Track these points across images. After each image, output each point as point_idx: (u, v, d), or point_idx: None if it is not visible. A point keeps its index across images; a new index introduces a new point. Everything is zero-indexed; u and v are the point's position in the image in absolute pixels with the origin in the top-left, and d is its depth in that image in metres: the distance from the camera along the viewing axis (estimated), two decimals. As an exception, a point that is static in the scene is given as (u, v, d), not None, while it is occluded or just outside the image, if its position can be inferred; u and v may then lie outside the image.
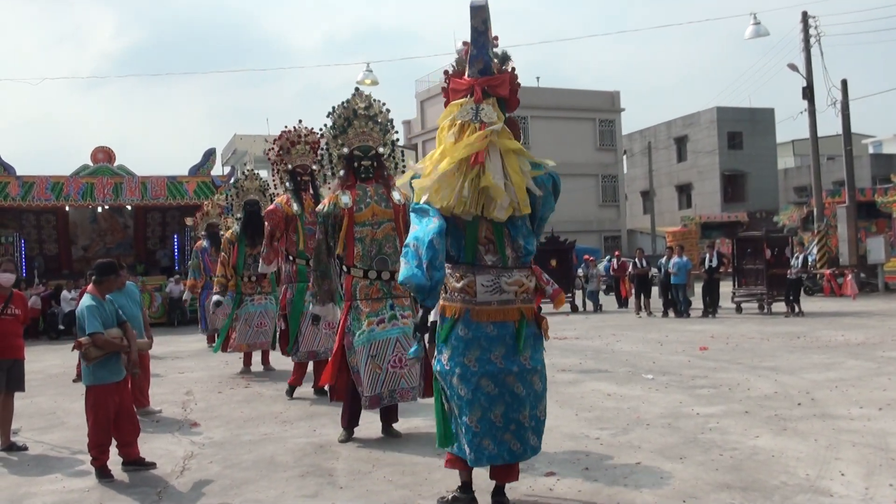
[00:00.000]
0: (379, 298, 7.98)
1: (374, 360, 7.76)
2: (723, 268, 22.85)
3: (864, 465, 6.47)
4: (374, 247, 8.02)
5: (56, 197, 25.64)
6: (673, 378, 11.14)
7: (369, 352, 7.78)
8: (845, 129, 31.19)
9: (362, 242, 8.01)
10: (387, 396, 7.81)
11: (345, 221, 8.01)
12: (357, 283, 8.00)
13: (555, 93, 54.55)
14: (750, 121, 58.73)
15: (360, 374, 7.82)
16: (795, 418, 8.27)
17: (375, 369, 7.76)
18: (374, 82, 29.95)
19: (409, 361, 7.70)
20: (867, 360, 12.08)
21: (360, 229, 8.02)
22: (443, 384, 5.62)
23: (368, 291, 7.98)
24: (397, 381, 7.79)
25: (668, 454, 7.04)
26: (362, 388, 7.80)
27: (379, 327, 7.87)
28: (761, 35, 30.19)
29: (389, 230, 8.11)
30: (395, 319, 7.94)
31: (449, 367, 5.54)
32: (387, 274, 8.00)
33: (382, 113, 8.54)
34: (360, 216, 8.02)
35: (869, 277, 28.91)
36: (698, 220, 47.11)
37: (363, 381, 7.78)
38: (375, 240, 8.03)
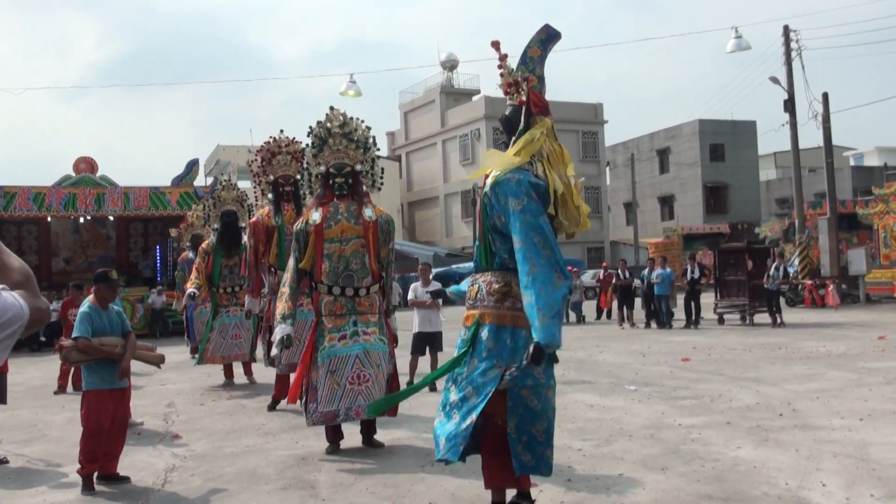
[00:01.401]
0: (342, 314, 7.97)
1: (333, 376, 7.74)
2: (704, 279, 22.92)
3: (845, 475, 6.49)
4: (342, 263, 8.02)
5: (38, 207, 25.49)
6: (655, 389, 11.16)
7: (329, 367, 7.77)
8: (826, 141, 31.38)
9: (330, 259, 8.01)
10: (343, 413, 7.78)
11: (312, 238, 8.02)
12: (323, 298, 8.01)
13: (538, 104, 54.61)
14: (732, 133, 59.07)
15: (315, 390, 7.79)
16: (777, 429, 8.30)
17: (333, 385, 7.74)
18: (357, 94, 30.04)
19: (373, 375, 7.81)
20: (849, 371, 12.13)
21: (328, 246, 8.03)
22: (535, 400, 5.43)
23: (333, 307, 7.98)
24: (354, 398, 7.76)
25: (651, 465, 7.05)
26: (317, 404, 7.75)
27: (340, 343, 7.86)
28: (742, 49, 30.45)
29: (358, 246, 8.10)
30: (356, 336, 7.92)
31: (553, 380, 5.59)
32: (351, 290, 8.00)
33: (361, 130, 8.52)
34: (329, 233, 8.02)
35: (850, 289, 29.05)
36: (681, 232, 47.32)
37: (320, 396, 7.75)
38: (343, 256, 8.03)
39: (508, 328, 5.41)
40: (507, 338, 5.40)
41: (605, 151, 58.20)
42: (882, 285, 28.78)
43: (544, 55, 5.86)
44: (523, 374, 5.34)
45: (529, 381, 5.37)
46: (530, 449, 5.42)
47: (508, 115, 5.85)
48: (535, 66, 5.81)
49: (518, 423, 5.37)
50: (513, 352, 5.36)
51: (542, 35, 5.83)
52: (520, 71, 5.80)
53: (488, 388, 5.26)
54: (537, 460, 5.45)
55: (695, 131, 58.44)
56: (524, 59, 5.81)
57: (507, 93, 5.86)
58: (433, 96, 58.95)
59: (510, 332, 5.41)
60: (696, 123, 58.30)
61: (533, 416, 5.40)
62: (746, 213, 52.83)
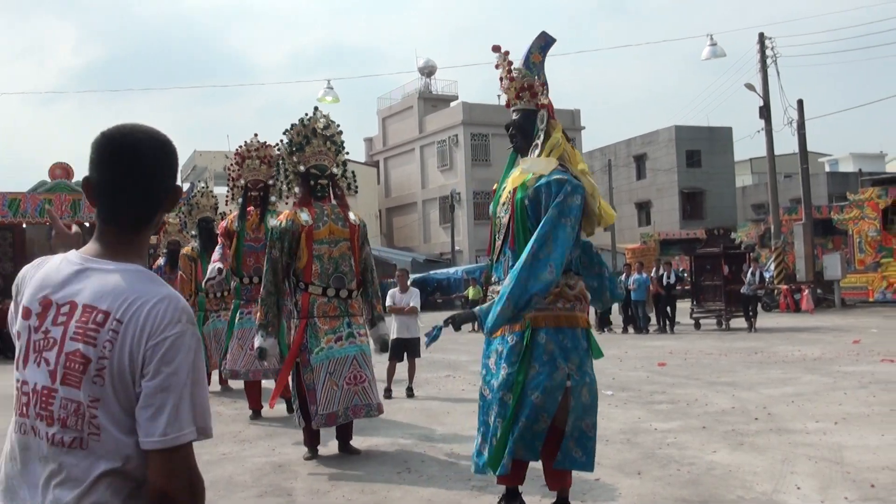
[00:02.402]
0: (336, 316, 7.94)
1: (332, 378, 7.72)
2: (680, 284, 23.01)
3: (819, 478, 6.52)
4: (332, 265, 7.98)
5: (13, 213, 25.23)
6: (632, 394, 11.18)
7: (328, 369, 7.73)
8: (802, 147, 31.60)
9: (320, 260, 7.97)
10: (342, 414, 7.77)
11: (303, 238, 7.96)
12: (315, 300, 7.95)
13: (516, 111, 54.75)
14: (708, 139, 59.37)
15: (315, 392, 7.75)
16: (752, 433, 8.33)
17: (332, 386, 7.71)
18: (335, 100, 29.99)
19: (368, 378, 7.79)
20: (823, 375, 12.19)
21: (318, 247, 7.98)
22: (588, 396, 5.52)
23: (326, 309, 7.93)
24: (352, 398, 7.75)
25: (627, 469, 7.06)
26: (316, 406, 7.72)
27: (337, 345, 7.83)
28: (718, 56, 30.61)
29: (345, 249, 8.07)
30: (352, 337, 7.91)
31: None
32: (344, 292, 7.98)
33: (337, 133, 8.52)
34: (318, 234, 7.98)
35: (825, 293, 29.26)
36: (658, 237, 47.47)
37: (318, 398, 7.71)
38: (332, 258, 7.99)
39: (566, 329, 5.45)
40: (565, 338, 5.42)
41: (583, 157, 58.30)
42: (857, 290, 29.04)
43: (544, 61, 5.91)
44: (582, 373, 5.43)
45: (587, 379, 5.47)
46: (581, 444, 5.44)
47: (519, 120, 5.80)
48: (538, 72, 5.85)
49: (574, 419, 5.39)
50: (570, 351, 5.41)
51: (542, 42, 5.87)
52: (528, 76, 5.80)
53: (557, 393, 5.28)
54: (587, 455, 5.48)
55: (671, 137, 58.70)
56: (528, 65, 5.83)
57: (518, 97, 5.80)
58: (411, 102, 58.96)
59: (567, 332, 5.45)
60: (673, 130, 58.56)
61: (584, 411, 5.45)
62: (723, 219, 53.06)
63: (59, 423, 1.98)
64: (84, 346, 1.98)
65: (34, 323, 2.04)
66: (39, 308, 2.04)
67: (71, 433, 1.97)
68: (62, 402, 1.97)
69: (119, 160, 2.12)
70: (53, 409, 1.98)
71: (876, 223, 28.90)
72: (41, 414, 1.99)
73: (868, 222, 29.14)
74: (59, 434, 1.98)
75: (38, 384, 2.00)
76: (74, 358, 1.97)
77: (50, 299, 2.04)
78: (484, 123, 53.04)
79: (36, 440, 2.01)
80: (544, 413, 5.28)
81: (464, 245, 51.89)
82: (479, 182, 52.24)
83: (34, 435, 2.01)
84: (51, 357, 2.00)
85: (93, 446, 1.98)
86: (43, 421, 1.99)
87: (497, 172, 31.77)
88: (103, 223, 2.15)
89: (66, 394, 1.98)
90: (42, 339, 2.02)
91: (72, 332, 1.99)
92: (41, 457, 2.00)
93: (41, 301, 2.05)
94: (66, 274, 2.08)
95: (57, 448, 1.98)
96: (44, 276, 2.10)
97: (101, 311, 2.00)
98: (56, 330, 2.01)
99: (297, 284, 8.05)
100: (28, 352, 2.03)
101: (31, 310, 2.05)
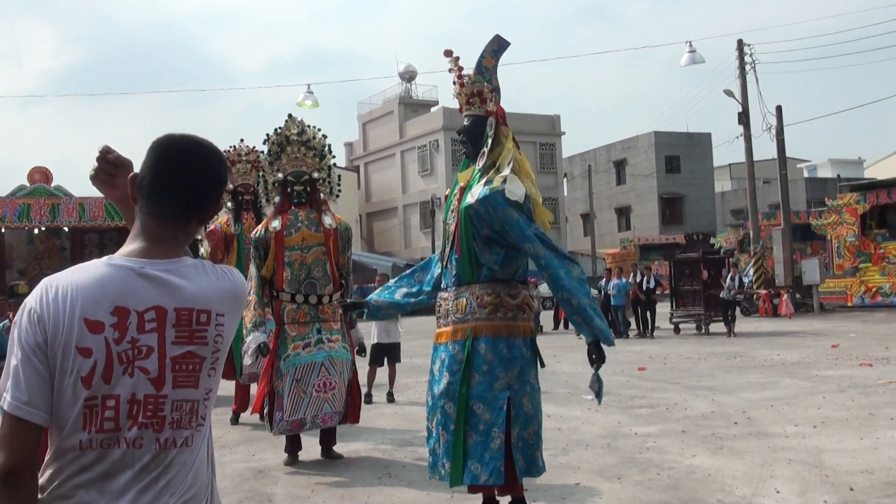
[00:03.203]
0: (306, 322, 7.91)
1: (299, 384, 7.69)
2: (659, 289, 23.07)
3: (798, 482, 6.54)
4: (303, 271, 7.96)
5: (-8, 218, 25.12)
6: (612, 398, 11.18)
7: (294, 376, 7.71)
8: (780, 153, 31.77)
9: (291, 267, 7.94)
10: (309, 421, 7.74)
11: (273, 245, 7.95)
12: (285, 306, 7.94)
13: (496, 116, 54.87)
14: (687, 145, 59.68)
15: (282, 399, 7.73)
16: (732, 437, 8.35)
17: (300, 393, 7.68)
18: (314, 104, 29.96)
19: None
20: (802, 380, 12.25)
21: (289, 253, 7.96)
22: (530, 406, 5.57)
23: (295, 315, 7.91)
24: (321, 406, 7.72)
25: (607, 474, 7.07)
26: (283, 413, 7.69)
27: (304, 351, 7.80)
28: (697, 62, 30.79)
29: (319, 254, 8.04)
30: (321, 343, 7.86)
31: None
32: (314, 298, 7.94)
33: (317, 138, 8.49)
34: (289, 240, 7.95)
35: (804, 298, 29.40)
36: (637, 242, 47.70)
37: (284, 404, 7.69)
38: (305, 264, 7.97)
39: (504, 339, 5.42)
40: (504, 348, 5.40)
41: (563, 163, 58.53)
42: (835, 294, 29.21)
43: (496, 65, 5.84)
44: (522, 382, 5.42)
45: (528, 388, 5.48)
46: (524, 453, 5.43)
47: (470, 126, 5.75)
48: (490, 76, 5.79)
49: (518, 429, 5.38)
50: (509, 361, 5.39)
51: (495, 45, 5.81)
52: (480, 81, 5.74)
53: (501, 402, 5.26)
54: (528, 463, 5.47)
55: (651, 143, 58.99)
56: (480, 70, 5.77)
57: (469, 103, 5.76)
58: (391, 107, 58.95)
59: (506, 342, 5.42)
60: (652, 135, 58.84)
61: (527, 421, 5.46)
62: (702, 224, 53.35)
63: (171, 426, 2.02)
64: (196, 348, 2.05)
65: (112, 335, 1.98)
66: (115, 319, 1.99)
67: (183, 433, 2.04)
68: (174, 405, 2.01)
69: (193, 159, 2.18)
70: (165, 414, 2.01)
71: (854, 228, 29.08)
72: (146, 423, 1.99)
73: (846, 227, 29.32)
74: (171, 437, 2.02)
75: (136, 394, 1.99)
76: (185, 360, 2.02)
77: (125, 308, 2.00)
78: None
79: (130, 451, 1.99)
80: (495, 428, 5.25)
81: (444, 250, 51.84)
82: (460, 187, 52.09)
83: (130, 447, 1.99)
84: (149, 365, 1.99)
85: (196, 440, 2.08)
86: (149, 429, 2.00)
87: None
88: (157, 219, 2.14)
89: (178, 396, 2.02)
90: (130, 349, 1.99)
91: (172, 337, 2.01)
92: (138, 466, 2.00)
93: (113, 311, 2.00)
94: (129, 279, 2.04)
95: (167, 451, 2.02)
96: (101, 285, 2.02)
97: (203, 311, 2.06)
98: (147, 338, 2.00)
99: (271, 292, 8.07)
100: (112, 365, 1.98)
101: (102, 322, 1.98)
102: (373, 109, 61.76)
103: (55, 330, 1.96)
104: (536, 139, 55.47)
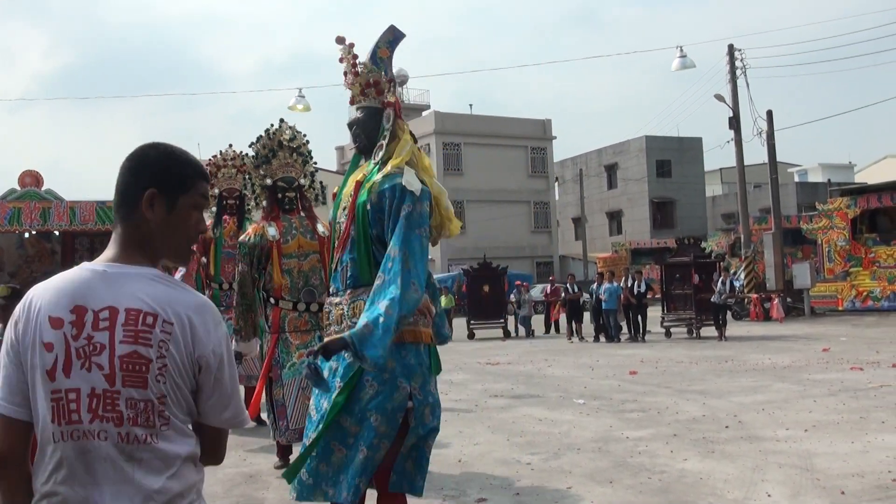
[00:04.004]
0: (308, 330, 7.86)
1: (305, 392, 7.63)
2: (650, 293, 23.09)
3: (789, 485, 6.54)
4: (301, 279, 7.91)
5: (-19, 222, 25.08)
6: (603, 402, 11.19)
7: (300, 384, 7.66)
8: (771, 158, 31.81)
9: (290, 274, 7.89)
10: None
11: (273, 253, 7.90)
12: (286, 315, 7.86)
13: (487, 120, 55.04)
14: (678, 149, 59.74)
15: (284, 407, 7.68)
16: (723, 441, 8.35)
17: (305, 401, 7.64)
18: (306, 108, 29.89)
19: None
20: (793, 383, 12.26)
21: (287, 261, 7.90)
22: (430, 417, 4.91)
23: (297, 323, 7.86)
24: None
25: (599, 478, 7.05)
26: (286, 422, 7.64)
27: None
28: (687, 67, 30.81)
29: (315, 262, 7.99)
30: None
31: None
32: (315, 305, 7.89)
33: (304, 144, 8.46)
34: (286, 248, 7.90)
35: (795, 302, 29.45)
36: (629, 247, 47.78)
37: (288, 413, 7.65)
38: (302, 271, 7.92)
39: (409, 344, 4.84)
40: (408, 354, 4.83)
41: (554, 167, 58.58)
42: (826, 298, 29.27)
43: (391, 56, 5.54)
44: (425, 392, 4.90)
45: (430, 399, 4.93)
46: (418, 465, 4.97)
47: (364, 118, 5.33)
48: (386, 68, 5.48)
49: (415, 439, 4.90)
50: (414, 368, 4.83)
51: (390, 36, 5.53)
52: (374, 71, 5.39)
53: (398, 415, 4.75)
54: (422, 478, 5.00)
55: (642, 147, 59.04)
56: (375, 60, 5.42)
57: (363, 93, 5.35)
58: (383, 111, 58.88)
59: (411, 348, 4.85)
60: (644, 140, 58.89)
61: (427, 432, 4.96)
62: (693, 228, 53.40)
63: (129, 422, 2.08)
64: (142, 349, 2.11)
65: (70, 331, 2.08)
66: (73, 316, 2.09)
67: (144, 430, 2.10)
68: (128, 402, 2.08)
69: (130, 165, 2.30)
70: (121, 409, 2.07)
71: (845, 233, 29.15)
72: (107, 416, 2.07)
73: (837, 232, 29.39)
74: (131, 432, 2.08)
75: (95, 388, 2.07)
76: (132, 360, 2.09)
77: (84, 306, 2.10)
78: (456, 132, 53.17)
79: (97, 443, 2.07)
80: (385, 440, 4.75)
81: (436, 254, 51.85)
82: (452, 191, 51.94)
83: (95, 438, 2.07)
84: (103, 361, 2.08)
85: (162, 438, 2.13)
86: (110, 423, 2.07)
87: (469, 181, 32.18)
88: (124, 224, 2.29)
89: (130, 394, 2.08)
90: (86, 345, 2.08)
91: (121, 336, 2.09)
92: (109, 457, 2.08)
93: (73, 309, 2.10)
94: (92, 280, 2.16)
95: (132, 445, 2.09)
96: (64, 286, 2.15)
97: (150, 314, 2.13)
98: (101, 335, 2.09)
99: (267, 300, 7.99)
100: (70, 359, 2.07)
101: (62, 319, 2.09)
102: (364, 113, 61.71)
103: (25, 328, 2.11)
104: (527, 143, 55.58)
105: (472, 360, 18.72)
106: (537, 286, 36.59)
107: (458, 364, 17.74)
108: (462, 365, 17.53)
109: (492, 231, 52.55)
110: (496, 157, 53.78)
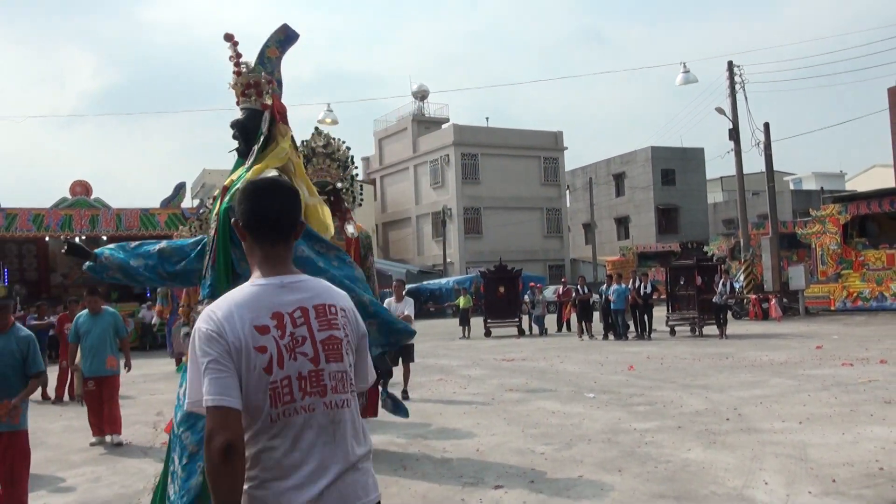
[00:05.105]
0: None
1: None
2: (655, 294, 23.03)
3: (785, 474, 6.56)
4: None
5: (37, 228, 25.37)
6: (612, 396, 11.20)
7: None
8: (768, 167, 31.70)
9: None
10: None
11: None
12: None
13: (503, 132, 54.95)
14: (682, 159, 59.54)
15: None
16: (724, 432, 8.36)
17: None
18: (334, 121, 30.04)
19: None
20: (789, 378, 12.23)
21: None
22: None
23: None
24: None
25: (608, 467, 7.09)
26: None
27: None
28: (690, 82, 30.78)
29: None
30: None
31: None
32: None
33: (341, 150, 8.50)
34: None
35: (791, 302, 29.30)
36: (635, 250, 47.60)
37: None
38: None
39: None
40: None
41: (565, 176, 58.44)
42: (820, 299, 29.14)
43: (282, 57, 5.20)
44: None
45: None
46: None
47: (243, 120, 5.02)
48: (273, 69, 5.15)
49: None
50: None
51: (281, 35, 5.20)
52: (257, 72, 5.05)
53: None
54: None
55: (648, 157, 58.88)
56: (262, 60, 5.12)
57: (244, 94, 5.04)
58: (405, 124, 58.96)
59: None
60: (649, 150, 58.75)
61: None
62: (696, 233, 53.20)
63: (332, 391, 2.39)
64: (335, 332, 2.44)
65: (276, 333, 2.34)
66: (274, 321, 2.35)
67: (342, 396, 2.41)
68: (330, 375, 2.39)
69: (276, 195, 2.53)
70: (325, 383, 2.38)
71: (837, 237, 29.06)
72: (314, 391, 2.36)
73: (829, 236, 29.29)
74: (334, 400, 2.39)
75: (302, 372, 2.35)
76: (330, 342, 2.41)
77: (280, 312, 2.37)
78: (473, 144, 53.14)
79: (308, 415, 2.34)
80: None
81: (455, 257, 51.87)
82: (469, 199, 52.32)
83: (305, 412, 2.34)
84: (307, 349, 2.37)
85: (353, 401, 2.47)
86: (316, 396, 2.36)
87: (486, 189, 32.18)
88: (269, 245, 2.50)
89: (332, 368, 2.40)
90: (291, 341, 2.35)
91: (318, 327, 2.40)
92: (317, 426, 2.35)
93: (272, 316, 2.36)
94: (275, 292, 2.41)
95: (334, 410, 2.38)
96: (253, 300, 2.38)
97: (330, 305, 2.47)
98: (301, 330, 2.37)
99: None
100: (282, 354, 2.33)
101: (267, 325, 2.34)
102: (388, 126, 61.76)
103: (234, 339, 2.30)
104: (540, 154, 55.47)
105: (489, 356, 18.74)
106: (550, 287, 36.53)
107: (476, 360, 17.77)
108: (479, 361, 17.56)
109: (507, 236, 52.55)
110: (511, 167, 53.75)
